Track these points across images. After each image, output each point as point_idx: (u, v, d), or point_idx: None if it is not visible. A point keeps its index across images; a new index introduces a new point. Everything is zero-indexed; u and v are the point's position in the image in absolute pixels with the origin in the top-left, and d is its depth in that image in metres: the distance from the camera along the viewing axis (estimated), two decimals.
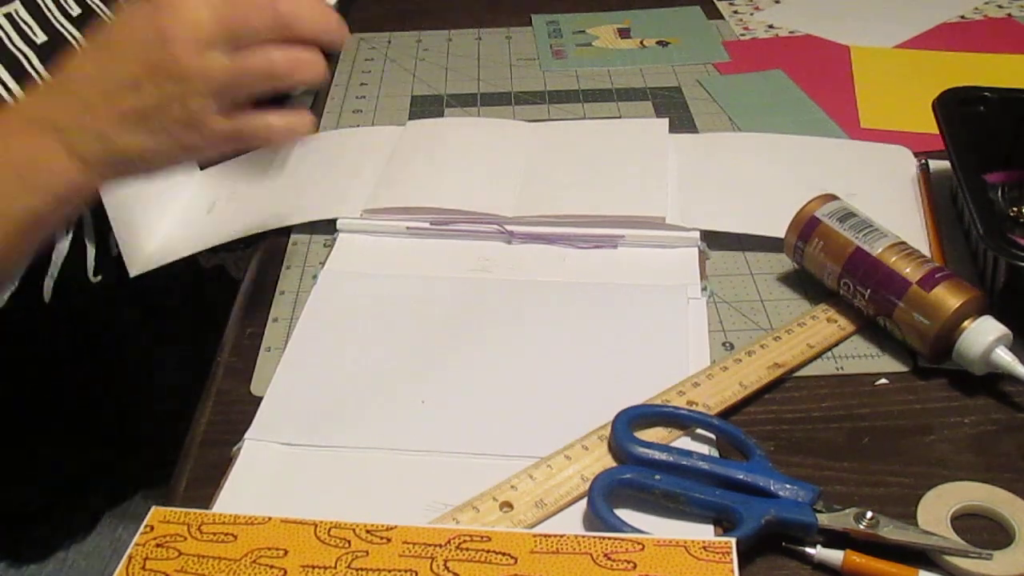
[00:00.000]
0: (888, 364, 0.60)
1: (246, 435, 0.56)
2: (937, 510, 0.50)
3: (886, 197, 0.74)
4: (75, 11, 0.71)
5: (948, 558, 0.47)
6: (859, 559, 0.47)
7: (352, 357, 0.61)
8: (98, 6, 0.74)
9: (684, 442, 0.54)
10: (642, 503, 0.51)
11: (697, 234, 0.69)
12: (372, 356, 0.61)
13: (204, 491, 0.54)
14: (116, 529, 0.72)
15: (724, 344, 0.62)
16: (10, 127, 0.53)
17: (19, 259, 0.56)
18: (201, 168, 0.81)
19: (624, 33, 1.04)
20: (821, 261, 0.63)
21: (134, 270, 0.70)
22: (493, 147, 0.80)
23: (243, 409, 0.58)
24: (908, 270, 0.59)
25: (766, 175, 0.77)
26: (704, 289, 0.65)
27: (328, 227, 0.73)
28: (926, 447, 0.55)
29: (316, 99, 0.95)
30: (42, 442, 0.74)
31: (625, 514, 0.49)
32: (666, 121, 0.81)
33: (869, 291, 0.60)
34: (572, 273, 0.68)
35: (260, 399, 0.59)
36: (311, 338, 0.63)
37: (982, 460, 0.54)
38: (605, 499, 0.49)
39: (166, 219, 0.75)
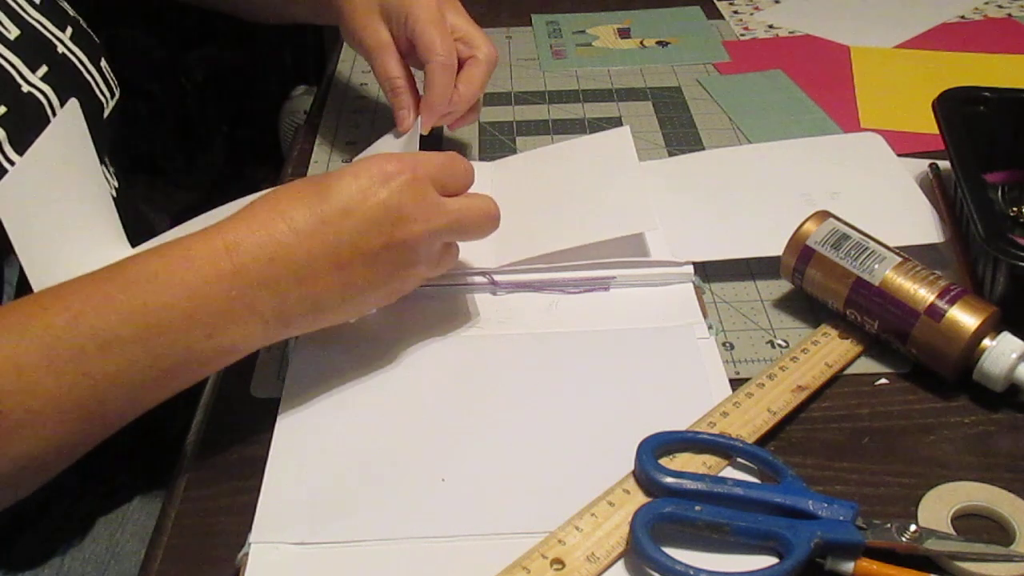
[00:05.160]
0: (888, 364, 0.60)
1: (250, 538, 0.49)
2: (937, 510, 0.50)
3: (871, 188, 0.73)
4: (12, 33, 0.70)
5: (955, 562, 0.47)
6: (871, 566, 0.47)
7: (351, 436, 0.56)
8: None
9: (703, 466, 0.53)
10: (683, 537, 0.49)
11: (690, 268, 0.66)
12: (375, 434, 0.56)
13: (203, 492, 0.54)
14: (114, 534, 0.72)
15: (725, 344, 0.62)
16: (219, 274, 0.50)
17: (164, 397, 0.53)
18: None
19: (624, 33, 1.04)
20: (822, 290, 0.61)
21: None
22: None
23: (243, 410, 0.58)
24: (915, 297, 0.57)
25: (745, 191, 0.74)
26: (710, 327, 0.62)
27: None
28: (926, 447, 0.55)
29: (316, 99, 0.95)
30: None
31: (669, 550, 0.47)
32: (627, 128, 0.75)
33: (878, 322, 0.59)
34: (567, 321, 0.63)
35: (260, 400, 0.59)
36: (298, 421, 0.57)
37: (982, 460, 0.54)
38: (651, 537, 0.47)
39: None
